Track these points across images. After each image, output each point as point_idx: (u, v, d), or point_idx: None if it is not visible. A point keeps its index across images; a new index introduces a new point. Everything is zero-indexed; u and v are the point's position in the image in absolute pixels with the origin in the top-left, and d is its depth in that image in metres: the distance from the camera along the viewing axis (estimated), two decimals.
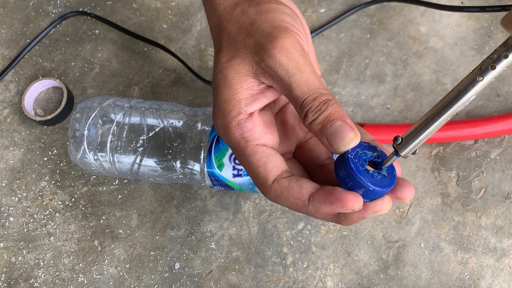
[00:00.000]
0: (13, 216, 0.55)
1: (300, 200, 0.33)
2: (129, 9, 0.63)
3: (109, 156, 0.49)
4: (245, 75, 0.34)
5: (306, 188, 0.33)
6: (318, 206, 0.32)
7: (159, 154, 0.48)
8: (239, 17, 0.35)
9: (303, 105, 0.32)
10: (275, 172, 0.33)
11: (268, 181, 0.33)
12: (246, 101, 0.34)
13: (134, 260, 0.52)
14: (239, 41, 0.34)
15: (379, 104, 0.56)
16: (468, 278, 0.49)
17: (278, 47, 0.32)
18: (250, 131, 0.34)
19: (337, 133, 0.31)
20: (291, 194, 0.33)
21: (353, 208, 0.31)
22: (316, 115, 0.32)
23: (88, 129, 0.49)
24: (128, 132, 0.48)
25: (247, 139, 0.34)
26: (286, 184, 0.33)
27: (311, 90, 0.32)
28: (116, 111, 0.50)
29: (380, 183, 0.32)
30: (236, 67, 0.34)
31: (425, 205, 0.52)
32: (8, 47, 0.62)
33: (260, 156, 0.34)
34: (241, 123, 0.34)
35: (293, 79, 0.32)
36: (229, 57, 0.34)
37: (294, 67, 0.32)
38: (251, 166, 0.34)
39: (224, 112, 0.34)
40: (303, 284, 0.50)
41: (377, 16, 0.60)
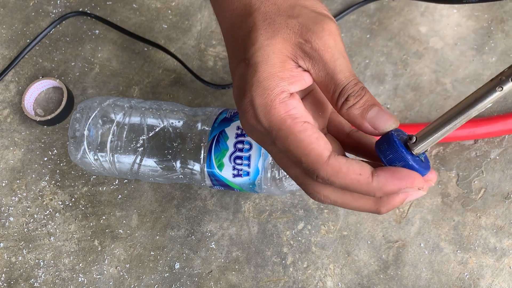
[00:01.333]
0: (13, 216, 0.55)
1: (362, 176, 0.31)
2: (129, 9, 0.63)
3: (109, 156, 0.49)
4: (286, 56, 0.33)
5: (365, 165, 0.32)
6: (385, 181, 0.31)
7: (159, 154, 0.48)
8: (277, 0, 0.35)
9: (345, 88, 0.32)
10: (328, 147, 0.32)
11: (323, 156, 0.32)
12: (289, 80, 0.33)
13: (134, 260, 0.52)
14: (279, 21, 0.34)
15: None
16: (468, 278, 0.49)
17: (327, 30, 0.33)
18: (296, 109, 0.33)
19: (380, 115, 0.32)
20: (352, 169, 0.31)
21: (420, 186, 0.32)
22: (357, 99, 0.32)
23: (88, 129, 0.49)
24: (128, 132, 0.48)
25: (294, 116, 0.32)
26: (344, 160, 0.32)
27: (352, 75, 0.33)
28: (116, 111, 0.50)
29: (418, 162, 0.33)
30: (278, 46, 0.33)
31: (425, 205, 0.52)
32: (8, 47, 0.62)
33: (312, 132, 0.32)
34: (286, 101, 0.33)
35: (338, 63, 0.32)
36: (269, 35, 0.34)
37: (340, 51, 0.33)
38: (302, 143, 0.32)
39: (266, 89, 0.33)
40: (303, 284, 0.50)
41: (377, 16, 0.60)
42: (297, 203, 0.53)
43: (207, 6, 0.63)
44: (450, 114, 0.33)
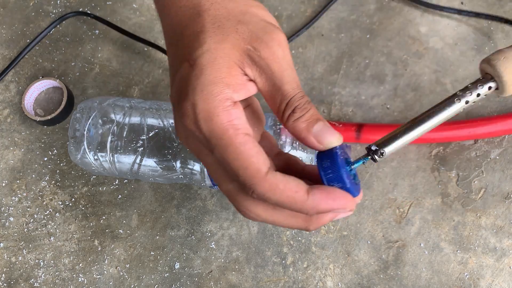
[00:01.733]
0: (13, 216, 0.55)
1: (298, 194, 0.31)
2: (129, 9, 0.63)
3: (109, 156, 0.49)
4: (233, 62, 0.32)
5: (301, 183, 0.32)
6: (319, 201, 0.31)
7: (159, 154, 0.48)
8: (226, 3, 0.34)
9: (292, 100, 0.32)
10: (267, 163, 0.32)
11: (262, 171, 0.31)
12: (235, 88, 0.32)
13: (134, 260, 0.52)
14: (229, 26, 0.33)
15: (379, 104, 0.56)
16: (468, 278, 0.49)
17: (276, 40, 0.32)
18: (239, 119, 0.31)
19: (325, 131, 0.32)
20: (289, 187, 0.31)
21: (352, 208, 0.32)
22: (303, 112, 0.32)
23: (88, 129, 0.49)
24: (128, 132, 0.48)
25: (236, 127, 0.31)
26: (282, 177, 0.31)
27: (299, 88, 0.33)
28: (116, 111, 0.50)
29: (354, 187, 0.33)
30: (226, 51, 0.32)
31: (425, 205, 0.52)
32: (8, 47, 0.62)
33: (252, 146, 0.31)
34: (229, 109, 0.31)
35: (285, 74, 0.32)
36: (218, 39, 0.32)
37: (288, 63, 0.32)
38: (241, 156, 0.31)
39: (210, 94, 0.31)
40: (303, 284, 0.50)
41: (377, 16, 0.60)
42: None
43: None
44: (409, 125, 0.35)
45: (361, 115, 0.56)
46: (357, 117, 0.56)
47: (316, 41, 0.60)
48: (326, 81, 0.58)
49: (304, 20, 0.61)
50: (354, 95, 0.57)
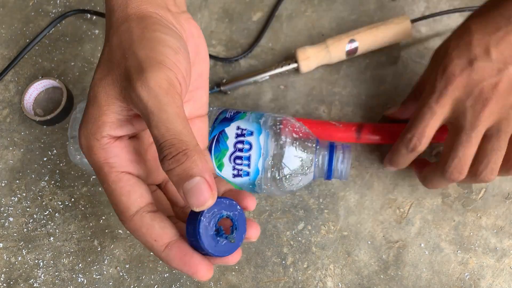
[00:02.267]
0: (12, 216, 0.55)
1: (157, 243, 0.31)
2: None
3: None
4: (114, 98, 0.32)
5: (167, 233, 0.32)
6: (172, 259, 0.31)
7: None
8: (123, 33, 0.33)
9: (160, 148, 0.30)
10: (138, 203, 0.32)
11: (129, 211, 0.32)
12: (112, 125, 0.32)
13: (134, 260, 0.52)
14: (115, 59, 0.32)
15: (379, 104, 0.56)
16: (469, 278, 0.49)
17: (140, 81, 0.30)
18: (115, 157, 0.32)
19: (194, 191, 0.29)
20: (150, 233, 0.32)
21: (201, 279, 0.32)
22: (173, 165, 0.29)
23: None
24: None
25: (111, 165, 0.32)
26: (148, 221, 0.32)
27: (170, 134, 0.30)
28: None
29: (222, 249, 0.32)
30: (106, 88, 0.32)
31: (425, 205, 0.52)
32: (7, 47, 0.62)
33: (124, 184, 0.32)
34: (106, 147, 0.32)
35: (151, 117, 0.30)
36: (102, 74, 0.33)
37: (154, 105, 0.30)
38: (113, 193, 0.32)
39: (89, 132, 0.32)
40: (303, 284, 0.50)
41: (377, 16, 0.60)
42: (297, 203, 0.53)
43: (207, 6, 0.63)
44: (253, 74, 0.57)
45: (361, 115, 0.56)
46: (357, 117, 0.56)
47: (316, 41, 0.60)
48: (326, 81, 0.58)
49: (305, 20, 0.61)
50: (354, 95, 0.57)
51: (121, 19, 0.34)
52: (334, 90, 0.57)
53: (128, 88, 0.31)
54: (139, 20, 0.33)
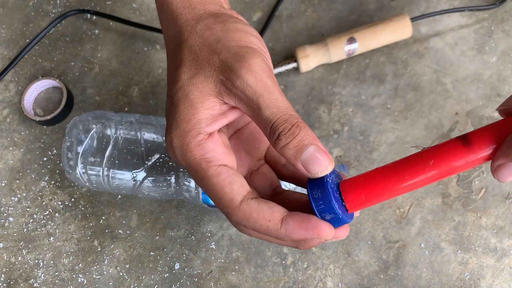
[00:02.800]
0: (12, 216, 0.55)
1: (271, 222, 0.32)
2: (129, 9, 0.63)
3: (106, 182, 0.49)
4: (208, 94, 0.33)
5: (277, 210, 0.32)
6: (292, 230, 0.31)
7: (155, 171, 0.48)
8: (203, 31, 0.34)
9: (274, 126, 0.31)
10: (241, 192, 0.32)
11: (235, 201, 0.32)
12: (207, 121, 0.33)
13: (134, 260, 0.52)
14: (203, 57, 0.33)
15: (379, 104, 0.56)
16: (469, 278, 0.49)
17: (245, 67, 0.31)
18: (211, 152, 0.33)
19: (313, 158, 0.31)
20: (262, 215, 0.32)
21: (327, 238, 0.31)
22: (289, 138, 0.31)
23: (81, 162, 0.48)
24: (123, 153, 0.48)
25: (209, 160, 0.32)
26: (256, 205, 0.32)
27: (281, 111, 0.31)
28: (106, 136, 0.49)
29: (347, 213, 0.33)
30: (199, 85, 0.33)
31: (425, 205, 0.52)
32: (7, 47, 0.62)
33: (225, 176, 0.32)
34: (202, 143, 0.33)
35: (261, 100, 0.31)
36: (191, 73, 0.33)
37: (262, 87, 0.31)
38: (215, 187, 0.33)
39: (183, 131, 0.33)
40: (303, 284, 0.50)
41: (377, 16, 0.60)
42: None
43: None
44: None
45: (361, 115, 0.56)
46: (357, 117, 0.56)
47: (316, 41, 0.60)
48: (326, 81, 0.58)
49: (305, 20, 0.61)
50: (354, 95, 0.57)
51: (193, 20, 0.35)
52: (334, 90, 0.57)
53: (230, 78, 0.32)
54: (214, 17, 0.34)
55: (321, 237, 0.31)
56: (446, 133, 0.55)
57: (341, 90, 0.57)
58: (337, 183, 0.33)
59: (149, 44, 0.61)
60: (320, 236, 0.31)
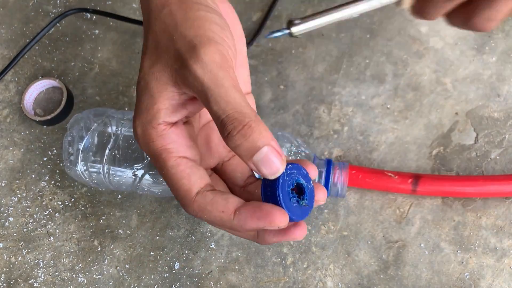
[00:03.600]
0: (12, 216, 0.55)
1: (225, 214, 0.32)
2: (129, 9, 0.63)
3: (107, 179, 0.49)
4: (165, 84, 0.32)
5: (231, 202, 0.32)
6: (245, 220, 0.31)
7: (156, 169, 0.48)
8: (166, 17, 0.33)
9: (224, 123, 0.30)
10: (199, 184, 0.32)
11: (191, 193, 0.32)
12: (166, 112, 0.32)
13: (134, 260, 0.52)
14: (162, 44, 0.33)
15: (379, 104, 0.56)
16: (469, 278, 0.49)
17: (194, 58, 0.30)
18: (173, 143, 0.33)
19: (264, 162, 0.30)
20: (216, 207, 0.32)
21: (279, 225, 0.31)
22: (240, 140, 0.30)
23: (82, 159, 0.48)
24: (124, 150, 0.48)
25: (170, 151, 0.32)
26: (211, 197, 0.32)
27: (231, 108, 0.30)
28: (107, 133, 0.49)
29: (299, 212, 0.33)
30: (157, 74, 0.32)
31: (425, 205, 0.52)
32: (7, 47, 0.62)
33: (184, 168, 0.32)
34: (164, 134, 0.32)
35: (209, 93, 0.30)
36: (151, 62, 0.33)
37: (210, 80, 0.30)
38: (173, 177, 0.32)
39: (144, 121, 0.33)
40: (303, 284, 0.50)
41: (377, 16, 0.60)
42: None
43: None
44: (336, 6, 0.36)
45: (361, 115, 0.56)
46: (357, 117, 0.56)
47: (316, 41, 0.60)
48: (326, 81, 0.58)
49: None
50: (354, 95, 0.57)
51: (160, 5, 0.34)
52: (334, 90, 0.57)
53: (181, 69, 0.31)
54: (179, 2, 0.33)
55: (272, 224, 0.31)
56: (446, 133, 0.55)
57: (341, 90, 0.57)
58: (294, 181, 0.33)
59: None
60: (272, 223, 0.31)
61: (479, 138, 0.54)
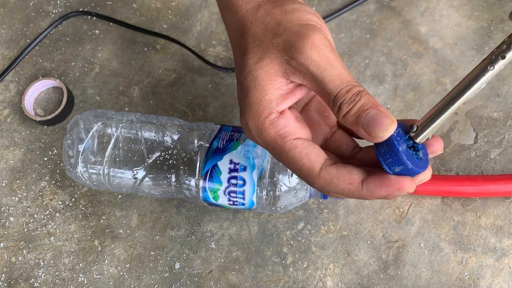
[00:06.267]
0: (13, 216, 0.55)
1: (353, 185, 0.33)
2: (129, 9, 0.63)
3: (107, 181, 0.49)
4: (274, 75, 0.34)
5: (356, 173, 0.33)
6: (374, 189, 0.33)
7: (156, 172, 0.48)
8: (264, 18, 0.36)
9: (337, 97, 0.33)
10: (319, 160, 0.34)
11: (315, 170, 0.34)
12: (277, 101, 0.34)
13: (134, 260, 0.52)
14: (266, 41, 0.35)
15: (379, 104, 0.56)
16: (468, 278, 0.49)
17: (308, 44, 0.33)
18: (285, 128, 0.34)
19: (374, 121, 0.32)
20: (342, 180, 0.33)
21: (409, 191, 0.33)
22: (350, 106, 0.32)
23: (82, 161, 0.48)
24: (124, 152, 0.48)
25: (283, 136, 0.34)
26: (335, 171, 0.34)
27: (344, 83, 0.33)
28: (107, 135, 0.49)
29: (417, 163, 0.33)
30: (265, 68, 0.34)
31: (425, 205, 0.52)
32: (8, 47, 0.62)
33: (301, 149, 0.34)
34: (275, 121, 0.34)
35: (325, 74, 0.33)
36: (257, 58, 0.35)
37: (326, 62, 0.33)
38: (293, 160, 0.34)
39: (256, 113, 0.35)
40: (303, 284, 0.50)
41: (377, 16, 0.60)
42: None
43: (207, 6, 0.63)
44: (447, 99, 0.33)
45: None
46: None
47: None
48: None
49: None
50: None
51: (252, 9, 0.36)
52: None
53: (294, 56, 0.33)
54: (271, 2, 0.36)
55: (402, 191, 0.32)
56: (445, 133, 0.55)
57: None
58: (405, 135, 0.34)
59: (149, 44, 0.61)
60: (402, 190, 0.32)
61: (478, 138, 0.54)
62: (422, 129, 0.34)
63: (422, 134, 0.34)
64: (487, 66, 0.31)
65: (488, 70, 0.31)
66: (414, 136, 0.34)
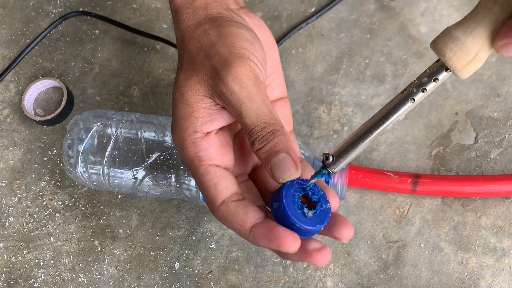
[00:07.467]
0: (13, 216, 0.55)
1: (242, 228, 0.33)
2: (129, 9, 0.63)
3: (107, 181, 0.49)
4: (201, 95, 0.35)
5: (250, 217, 0.33)
6: (258, 239, 0.33)
7: (156, 172, 0.48)
8: (201, 37, 0.36)
9: (251, 133, 0.33)
10: (224, 194, 0.34)
11: (216, 202, 0.34)
12: (203, 120, 0.35)
13: (134, 260, 0.52)
14: (198, 61, 0.35)
15: (379, 104, 0.56)
16: (468, 278, 0.49)
17: (231, 75, 0.33)
18: (204, 151, 0.34)
19: (279, 165, 0.33)
20: (235, 220, 0.33)
21: (288, 250, 0.32)
22: (262, 144, 0.33)
23: (82, 161, 0.48)
24: (124, 152, 0.48)
25: (200, 158, 0.34)
26: (233, 209, 0.34)
27: (260, 120, 0.33)
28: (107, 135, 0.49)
29: (310, 221, 0.33)
30: (193, 86, 0.35)
31: (425, 205, 0.52)
32: (8, 47, 0.62)
33: (212, 177, 0.34)
34: (197, 141, 0.34)
35: (243, 107, 0.33)
36: (187, 75, 0.35)
37: (245, 96, 0.33)
38: (202, 185, 0.35)
39: (180, 128, 0.35)
40: (303, 284, 0.50)
41: (377, 16, 0.60)
42: None
43: None
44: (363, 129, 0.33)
45: (361, 115, 0.56)
46: (357, 117, 0.56)
47: (316, 41, 0.60)
48: (326, 81, 0.58)
49: (305, 20, 0.61)
50: (354, 95, 0.57)
51: (193, 26, 0.37)
52: (334, 90, 0.57)
53: (217, 84, 0.34)
54: (211, 21, 0.36)
55: (282, 248, 0.32)
56: (445, 133, 0.55)
57: (341, 90, 0.57)
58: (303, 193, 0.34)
59: (149, 44, 0.61)
60: (281, 247, 0.32)
61: (478, 138, 0.54)
62: (336, 159, 0.33)
63: (336, 165, 0.34)
64: (408, 99, 0.31)
65: (408, 102, 0.31)
66: (329, 166, 0.34)
